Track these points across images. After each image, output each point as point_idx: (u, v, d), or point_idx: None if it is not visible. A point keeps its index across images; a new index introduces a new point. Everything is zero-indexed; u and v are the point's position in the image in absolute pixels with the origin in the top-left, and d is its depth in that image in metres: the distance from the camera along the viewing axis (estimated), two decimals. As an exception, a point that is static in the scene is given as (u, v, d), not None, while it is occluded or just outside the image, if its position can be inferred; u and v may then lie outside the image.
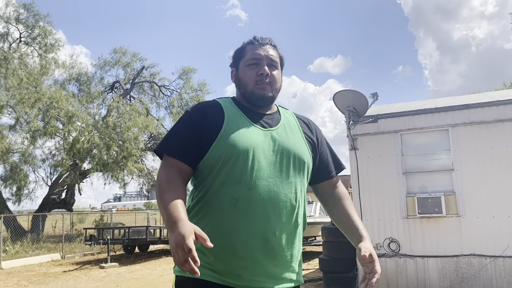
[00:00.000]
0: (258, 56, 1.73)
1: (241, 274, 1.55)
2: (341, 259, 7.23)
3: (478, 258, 6.14)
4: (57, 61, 19.57)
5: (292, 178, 1.66)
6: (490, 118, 6.31)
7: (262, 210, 1.56)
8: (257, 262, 1.56)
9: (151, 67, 22.84)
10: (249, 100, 1.74)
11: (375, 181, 6.78)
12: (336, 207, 1.85)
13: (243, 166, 1.58)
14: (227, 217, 1.56)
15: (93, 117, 18.99)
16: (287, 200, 1.62)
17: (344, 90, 6.91)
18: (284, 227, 1.61)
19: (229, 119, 1.67)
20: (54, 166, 18.00)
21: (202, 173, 1.64)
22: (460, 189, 6.30)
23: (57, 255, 13.26)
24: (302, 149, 1.74)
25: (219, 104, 1.74)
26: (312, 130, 1.89)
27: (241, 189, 1.56)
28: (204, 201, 1.61)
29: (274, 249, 1.58)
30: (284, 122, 1.79)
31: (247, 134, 1.64)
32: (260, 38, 1.79)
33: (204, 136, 1.63)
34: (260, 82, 1.71)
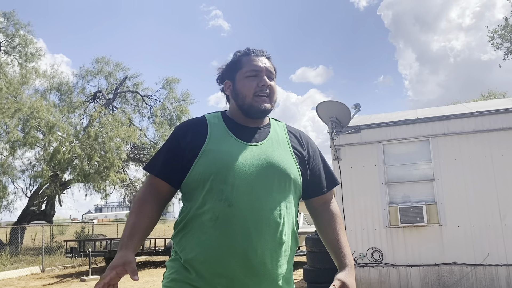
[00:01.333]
0: (257, 68, 1.72)
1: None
2: (325, 269, 7.25)
3: (459, 266, 6.23)
4: (38, 70, 19.32)
5: (275, 194, 1.61)
6: (469, 128, 6.45)
7: (243, 227, 1.53)
8: (238, 280, 1.53)
9: (134, 77, 22.71)
10: (247, 112, 1.71)
11: (358, 191, 6.85)
12: (325, 227, 1.80)
13: (223, 183, 1.56)
14: (208, 234, 1.55)
15: (75, 127, 18.75)
16: (270, 217, 1.57)
17: (327, 101, 6.99)
18: (267, 244, 1.56)
19: (212, 136, 1.67)
20: (34, 177, 17.67)
21: (187, 191, 1.67)
22: (441, 199, 6.41)
23: (36, 268, 12.97)
24: (287, 164, 1.68)
25: (205, 121, 1.74)
26: (303, 143, 1.82)
27: (222, 206, 1.55)
28: (188, 218, 1.62)
29: (255, 268, 1.54)
30: (272, 136, 1.74)
31: (229, 150, 1.62)
32: (255, 50, 1.78)
33: (186, 155, 1.64)
34: (260, 93, 1.70)
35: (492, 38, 18.46)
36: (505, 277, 6.01)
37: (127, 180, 21.76)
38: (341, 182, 6.92)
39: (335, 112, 6.81)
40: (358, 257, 6.69)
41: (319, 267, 7.35)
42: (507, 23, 17.76)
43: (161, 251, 13.52)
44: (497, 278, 6.05)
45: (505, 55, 18.35)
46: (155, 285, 9.71)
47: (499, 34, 18.18)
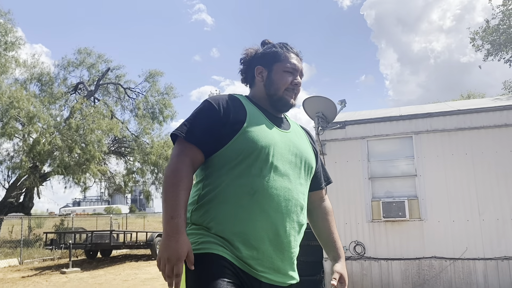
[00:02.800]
0: (295, 67, 1.82)
1: (251, 264, 1.60)
2: (307, 262, 7.33)
3: (439, 260, 6.39)
4: (18, 59, 18.89)
5: (302, 180, 1.76)
6: (451, 126, 6.61)
7: (277, 204, 1.62)
8: (266, 254, 1.61)
9: (117, 69, 22.43)
10: (275, 102, 1.81)
11: (342, 186, 6.95)
12: (319, 221, 1.97)
13: (263, 161, 1.63)
14: (244, 206, 1.60)
15: (55, 119, 18.43)
16: (298, 199, 1.70)
17: (314, 97, 7.06)
18: (293, 224, 1.68)
19: (251, 115, 1.72)
20: (12, 169, 17.32)
21: (216, 164, 1.67)
22: (423, 194, 6.56)
23: (14, 260, 12.78)
24: (311, 155, 1.86)
25: (238, 99, 1.79)
26: (314, 142, 2.01)
27: (260, 181, 1.61)
28: (219, 190, 1.63)
29: (282, 244, 1.65)
30: (293, 128, 1.88)
31: (268, 131, 1.70)
32: (295, 49, 1.88)
33: (225, 128, 1.65)
34: (291, 90, 1.81)
35: (473, 39, 18.85)
36: (482, 271, 6.20)
37: (108, 173, 21.53)
38: (326, 176, 7.01)
39: (321, 108, 6.89)
40: (341, 250, 6.80)
41: (302, 260, 7.40)
42: (488, 25, 18.16)
43: (142, 245, 13.46)
44: (474, 272, 6.23)
45: (485, 57, 18.77)
46: (136, 277, 9.68)
47: (480, 36, 18.58)
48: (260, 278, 1.62)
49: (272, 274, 1.65)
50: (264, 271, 1.62)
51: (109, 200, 49.12)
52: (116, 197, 51.54)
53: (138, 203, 74.67)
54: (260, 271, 1.62)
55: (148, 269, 11.06)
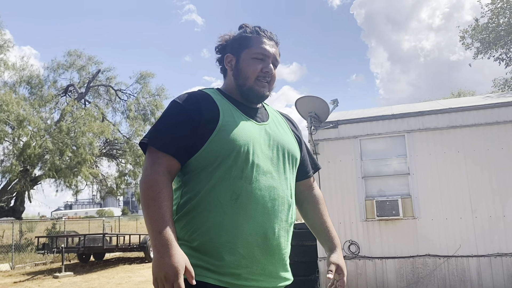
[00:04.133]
0: (266, 52, 1.66)
1: (240, 273, 1.48)
2: (302, 262, 7.33)
3: (433, 258, 6.42)
4: (7, 62, 18.71)
5: (287, 174, 1.63)
6: (443, 124, 6.64)
7: (263, 206, 1.51)
8: (256, 260, 1.50)
9: (107, 70, 22.30)
10: (245, 94, 1.66)
11: (335, 185, 6.95)
12: (311, 210, 1.85)
13: (244, 161, 1.51)
14: (228, 213, 1.48)
15: (46, 121, 18.27)
16: (284, 197, 1.58)
17: (306, 96, 7.06)
18: (282, 224, 1.57)
19: (224, 112, 1.58)
20: (2, 173, 17.13)
21: (194, 169, 1.54)
22: (416, 193, 6.58)
23: (6, 265, 12.64)
24: (293, 145, 1.71)
25: (209, 95, 1.64)
26: (296, 127, 1.86)
27: (243, 184, 1.49)
28: (199, 198, 1.50)
29: (272, 247, 1.54)
30: (272, 117, 1.74)
31: (245, 128, 1.57)
32: (266, 31, 1.71)
33: (198, 130, 1.52)
34: (262, 79, 1.65)
35: (463, 38, 18.99)
36: (476, 268, 6.23)
37: (100, 176, 21.39)
38: (319, 176, 7.01)
39: (314, 107, 6.89)
40: (335, 250, 6.80)
41: (297, 260, 7.42)
42: (477, 24, 18.30)
43: (135, 247, 13.38)
44: (468, 269, 6.26)
45: (475, 55, 18.91)
46: (130, 280, 9.62)
47: (469, 34, 18.73)
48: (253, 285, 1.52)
49: (264, 281, 1.54)
50: (254, 278, 1.51)
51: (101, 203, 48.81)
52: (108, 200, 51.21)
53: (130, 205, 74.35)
54: (250, 279, 1.50)
55: (141, 272, 10.99)
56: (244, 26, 1.74)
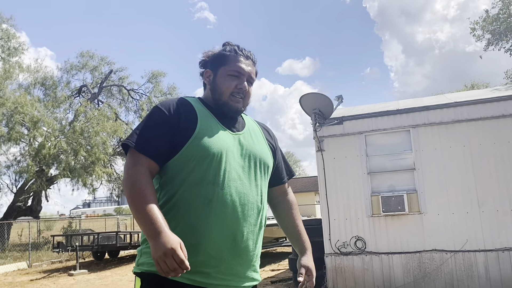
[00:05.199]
0: (241, 70, 1.76)
1: (210, 272, 1.59)
2: (310, 258, 7.38)
3: (439, 253, 6.40)
4: (21, 65, 19.10)
5: (258, 181, 1.73)
6: (449, 119, 6.60)
7: (233, 211, 1.61)
8: (224, 261, 1.61)
9: (120, 70, 22.58)
10: (220, 108, 1.76)
11: (341, 181, 6.97)
12: (284, 214, 1.98)
13: (216, 168, 1.61)
14: (200, 216, 1.57)
15: (60, 122, 18.61)
16: (254, 202, 1.68)
17: (310, 93, 7.08)
18: (251, 228, 1.67)
19: (202, 120, 1.68)
20: (19, 173, 17.54)
21: (170, 172, 1.64)
22: (422, 188, 6.56)
23: (23, 263, 12.95)
24: (266, 153, 1.82)
25: (189, 103, 1.74)
26: (272, 136, 1.97)
27: (215, 189, 1.59)
28: (174, 201, 1.61)
29: (240, 249, 1.64)
30: (248, 127, 1.84)
31: (220, 136, 1.67)
32: (244, 51, 1.81)
33: (176, 135, 1.62)
34: (236, 95, 1.75)
35: (474, 29, 18.70)
36: (483, 262, 6.20)
37: (114, 175, 21.69)
38: (325, 173, 7.03)
39: (318, 104, 6.91)
40: (341, 245, 6.82)
41: (304, 257, 7.48)
42: (487, 15, 18.00)
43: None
44: (475, 264, 6.23)
45: (485, 47, 18.62)
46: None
47: (480, 25, 18.43)
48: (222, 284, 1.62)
49: (232, 280, 1.64)
50: (222, 278, 1.61)
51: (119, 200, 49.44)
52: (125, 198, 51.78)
53: (147, 203, 74.75)
54: (218, 278, 1.60)
55: (154, 269, 11.13)
56: (227, 44, 1.84)
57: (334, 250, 6.85)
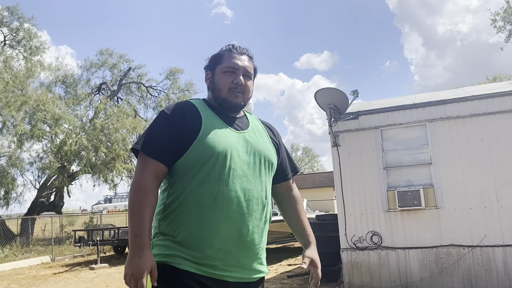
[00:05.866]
0: (235, 66, 1.83)
1: (217, 265, 1.67)
2: (326, 253, 7.36)
3: (457, 248, 6.34)
4: (43, 63, 19.52)
5: (263, 178, 1.81)
6: (466, 112, 6.52)
7: (238, 206, 1.69)
8: (231, 253, 1.69)
9: (138, 68, 22.87)
10: (221, 105, 1.84)
11: (357, 176, 6.96)
12: (289, 209, 2.04)
13: (221, 166, 1.69)
14: (207, 212, 1.66)
15: (81, 119, 18.98)
16: (259, 198, 1.76)
17: (325, 88, 7.08)
18: (256, 222, 1.74)
19: (206, 121, 1.76)
20: (42, 169, 17.94)
21: (178, 172, 1.72)
22: (439, 182, 6.50)
23: (46, 257, 13.28)
24: (270, 151, 1.89)
25: (194, 106, 1.82)
26: (275, 134, 2.03)
27: (220, 186, 1.67)
28: (182, 199, 1.69)
29: (246, 243, 1.72)
30: (252, 126, 1.91)
31: (224, 136, 1.75)
32: (238, 48, 1.88)
33: (183, 137, 1.70)
34: (234, 90, 1.82)
35: (495, 21, 18.31)
36: (501, 258, 6.12)
37: (134, 170, 21.98)
38: (340, 168, 7.03)
39: (333, 99, 6.89)
40: (357, 240, 6.83)
41: (320, 251, 7.41)
42: (509, 6, 17.58)
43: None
44: (493, 259, 6.16)
45: (507, 38, 18.21)
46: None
47: (501, 16, 18.02)
48: (226, 278, 1.69)
49: (239, 272, 1.72)
50: (230, 270, 1.69)
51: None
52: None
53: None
54: (226, 270, 1.69)
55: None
56: (226, 46, 1.92)
57: (350, 245, 6.86)
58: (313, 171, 46.31)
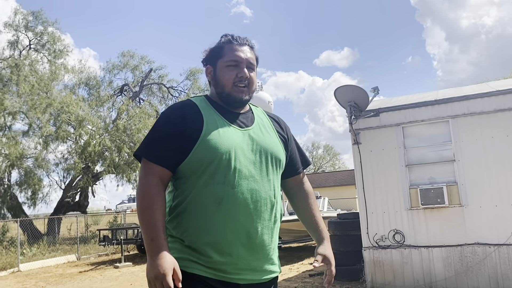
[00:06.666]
0: (238, 59, 1.74)
1: (226, 269, 1.62)
2: (347, 252, 7.36)
3: (482, 246, 6.21)
4: (66, 66, 19.90)
5: (270, 176, 1.73)
6: (490, 108, 6.37)
7: (246, 208, 1.63)
8: (240, 257, 1.63)
9: (159, 69, 23.12)
10: (225, 101, 1.76)
11: (378, 174, 6.88)
12: (301, 205, 1.95)
13: (226, 168, 1.62)
14: (212, 216, 1.60)
15: (104, 121, 19.30)
16: (267, 198, 1.69)
17: (345, 86, 7.02)
18: (265, 223, 1.68)
19: (208, 121, 1.69)
20: (67, 170, 18.32)
21: (183, 174, 1.67)
22: (462, 179, 6.38)
23: (72, 256, 13.57)
24: (277, 147, 1.80)
25: (195, 105, 1.75)
26: (283, 127, 1.93)
27: (225, 188, 1.61)
28: (187, 201, 1.64)
29: (256, 245, 1.66)
30: (258, 121, 1.82)
31: (227, 135, 1.67)
32: (238, 38, 1.79)
33: (185, 140, 1.64)
34: (238, 84, 1.73)
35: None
36: (529, 256, 5.97)
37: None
38: (361, 166, 6.97)
39: (353, 97, 6.83)
40: (379, 239, 6.75)
41: (342, 250, 7.46)
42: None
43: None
44: (521, 258, 6.01)
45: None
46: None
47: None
48: (237, 281, 1.64)
49: (250, 274, 1.67)
50: (240, 273, 1.64)
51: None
52: (167, 193, 52.77)
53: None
54: (236, 273, 1.64)
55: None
56: (224, 36, 1.82)
57: (372, 243, 6.79)
58: (335, 169, 45.98)
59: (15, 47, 18.91)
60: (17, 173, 17.54)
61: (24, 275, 10.84)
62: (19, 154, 16.33)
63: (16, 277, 10.61)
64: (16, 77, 17.00)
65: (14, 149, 16.10)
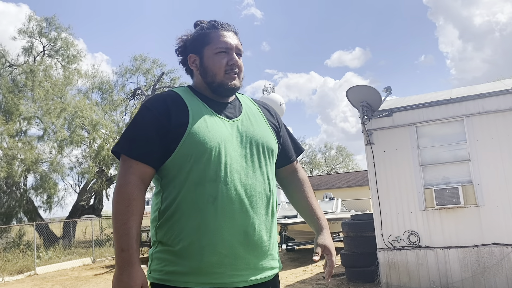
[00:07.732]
0: (227, 45, 1.64)
1: (224, 272, 1.51)
2: (362, 253, 7.31)
3: (500, 247, 6.11)
4: (80, 71, 20.12)
5: (263, 168, 1.63)
6: (506, 106, 6.28)
7: (241, 205, 1.53)
8: (239, 257, 1.53)
9: (171, 72, 23.23)
10: (216, 89, 1.65)
11: (392, 175, 6.82)
12: (296, 194, 1.85)
13: (216, 163, 1.51)
14: (207, 216, 1.49)
15: (117, 124, 19.48)
16: (262, 192, 1.59)
17: (357, 86, 6.98)
18: (262, 218, 1.59)
19: (194, 113, 1.57)
20: (81, 174, 18.50)
21: (169, 172, 1.55)
22: (478, 179, 6.29)
23: (88, 259, 13.69)
24: (268, 136, 1.70)
25: (178, 95, 1.62)
26: (273, 115, 1.83)
27: (218, 186, 1.51)
28: (177, 203, 1.52)
29: (254, 242, 1.56)
30: (246, 110, 1.72)
31: (215, 128, 1.57)
32: (223, 24, 1.69)
33: (169, 134, 1.52)
34: (230, 72, 1.64)
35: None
36: (548, 257, 5.86)
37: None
38: (375, 166, 6.92)
39: (365, 97, 6.79)
40: (394, 240, 6.69)
41: (356, 251, 7.41)
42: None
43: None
44: (539, 258, 5.90)
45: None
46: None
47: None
48: (236, 285, 1.54)
49: (250, 274, 1.56)
50: (240, 274, 1.54)
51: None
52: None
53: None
54: (236, 275, 1.53)
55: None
56: (200, 23, 1.73)
57: (387, 244, 6.72)
58: (348, 170, 45.71)
59: (29, 53, 19.19)
60: (32, 177, 17.80)
61: (41, 278, 10.96)
62: (34, 159, 16.55)
63: (33, 280, 10.73)
64: (31, 83, 17.26)
65: (30, 153, 16.31)
